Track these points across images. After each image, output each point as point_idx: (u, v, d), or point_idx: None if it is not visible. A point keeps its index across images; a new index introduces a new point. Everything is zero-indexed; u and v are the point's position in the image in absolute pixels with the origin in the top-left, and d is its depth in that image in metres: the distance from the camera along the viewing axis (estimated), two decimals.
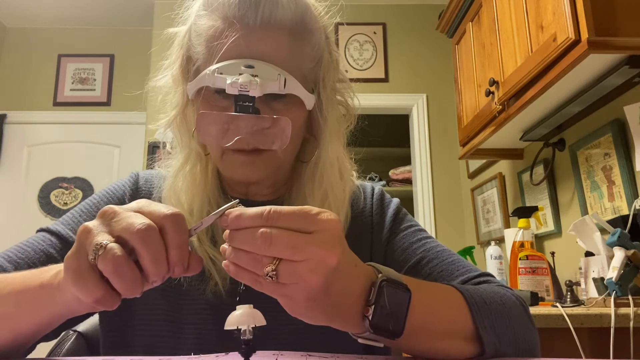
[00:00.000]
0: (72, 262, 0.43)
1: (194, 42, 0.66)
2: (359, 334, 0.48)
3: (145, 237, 0.41)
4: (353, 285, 0.46)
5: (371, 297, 0.46)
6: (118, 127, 3.52)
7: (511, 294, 0.64)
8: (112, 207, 0.44)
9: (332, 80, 0.70)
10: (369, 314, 0.45)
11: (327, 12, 0.70)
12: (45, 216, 3.37)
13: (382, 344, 0.49)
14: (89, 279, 0.42)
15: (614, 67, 1.44)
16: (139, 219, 0.42)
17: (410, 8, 3.34)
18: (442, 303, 0.56)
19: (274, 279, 0.41)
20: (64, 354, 0.76)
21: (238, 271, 0.43)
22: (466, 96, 2.26)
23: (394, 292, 0.47)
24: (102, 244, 0.41)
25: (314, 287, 0.42)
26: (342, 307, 0.46)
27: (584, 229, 1.49)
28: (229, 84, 0.57)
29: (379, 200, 0.79)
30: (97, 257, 0.41)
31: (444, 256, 0.71)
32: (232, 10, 0.61)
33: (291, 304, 0.44)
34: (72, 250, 0.43)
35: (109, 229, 0.43)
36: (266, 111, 0.62)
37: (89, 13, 3.49)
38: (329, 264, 0.42)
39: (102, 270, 0.41)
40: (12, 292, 0.51)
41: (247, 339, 0.43)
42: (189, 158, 0.69)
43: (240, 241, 0.42)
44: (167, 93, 0.71)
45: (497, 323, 0.56)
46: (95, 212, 0.71)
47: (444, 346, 0.53)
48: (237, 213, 0.42)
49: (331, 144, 0.68)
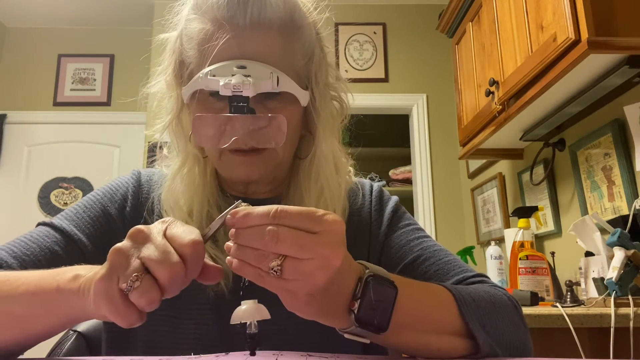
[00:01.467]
0: (103, 287, 0.43)
1: (185, 47, 0.66)
2: (344, 329, 0.49)
3: (171, 278, 0.42)
4: (346, 283, 0.48)
5: (357, 291, 0.47)
6: (118, 127, 3.52)
7: (503, 294, 0.64)
8: (143, 231, 0.45)
9: (325, 75, 0.70)
10: (355, 308, 0.47)
11: (316, 8, 0.70)
12: (45, 216, 3.37)
13: (367, 340, 0.50)
14: (122, 306, 0.43)
15: (614, 67, 1.44)
16: (168, 256, 0.43)
17: (410, 8, 3.34)
18: (429, 300, 0.56)
19: (278, 274, 0.42)
20: (64, 354, 0.76)
21: (241, 266, 0.43)
22: (466, 96, 2.26)
23: (379, 287, 0.48)
24: (135, 276, 0.42)
25: (318, 284, 0.43)
26: (334, 304, 0.47)
27: (584, 229, 1.49)
28: (222, 85, 0.57)
29: (378, 197, 0.79)
30: (132, 289, 0.42)
31: (440, 255, 0.71)
32: (221, 12, 0.62)
33: (291, 299, 0.46)
34: (103, 274, 0.43)
35: (139, 254, 0.43)
36: (261, 110, 0.62)
37: (89, 13, 3.49)
38: (334, 264, 0.43)
39: (135, 302, 0.42)
40: (26, 293, 0.51)
41: (252, 333, 0.45)
42: (187, 161, 0.70)
43: (248, 238, 0.43)
44: (161, 99, 0.71)
45: (486, 320, 0.57)
46: (98, 208, 0.71)
47: (433, 341, 0.54)
48: (245, 212, 0.43)
49: (326, 139, 0.69)
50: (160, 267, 0.42)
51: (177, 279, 0.43)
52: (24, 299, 0.51)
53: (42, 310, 0.51)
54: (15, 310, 0.51)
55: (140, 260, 0.43)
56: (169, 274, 0.42)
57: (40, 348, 0.65)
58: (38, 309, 0.51)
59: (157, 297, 0.42)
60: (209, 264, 0.47)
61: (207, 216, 0.68)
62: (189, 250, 0.43)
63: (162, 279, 0.42)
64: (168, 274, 0.42)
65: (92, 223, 0.69)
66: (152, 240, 0.44)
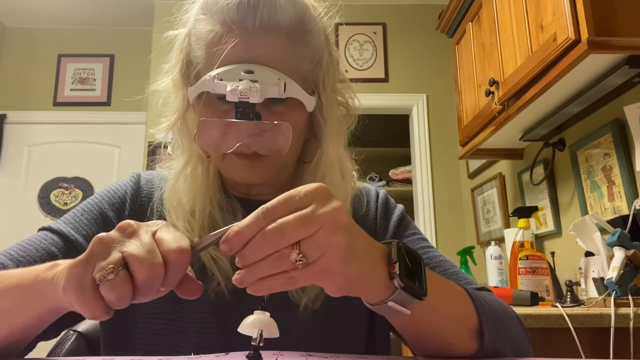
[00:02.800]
0: (76, 272, 0.42)
1: (193, 47, 0.66)
2: (385, 299, 0.48)
3: (147, 278, 0.40)
4: (371, 244, 0.47)
5: (393, 255, 0.47)
6: (118, 127, 3.52)
7: (508, 306, 0.65)
8: (132, 226, 0.43)
9: (332, 81, 0.70)
10: (396, 270, 0.46)
11: (327, 13, 0.70)
12: (45, 216, 3.37)
13: (408, 311, 0.49)
14: (90, 296, 0.41)
15: (614, 67, 1.43)
16: (151, 255, 0.41)
17: (410, 8, 3.34)
18: (451, 286, 0.57)
19: (304, 262, 0.41)
20: (64, 354, 0.76)
21: (266, 283, 0.42)
22: (466, 96, 2.26)
23: (410, 251, 0.49)
24: (111, 268, 0.40)
25: (342, 245, 0.42)
26: (368, 271, 0.46)
27: (584, 229, 1.49)
28: (229, 91, 0.57)
29: (383, 204, 0.79)
30: (105, 280, 0.40)
31: (446, 266, 0.72)
32: (231, 15, 0.61)
33: (330, 278, 0.43)
34: (81, 259, 0.42)
35: (121, 247, 0.42)
36: (267, 114, 0.62)
37: (89, 13, 3.49)
38: (342, 219, 0.42)
39: (104, 295, 0.40)
40: (9, 286, 0.51)
41: (256, 345, 0.44)
42: (190, 160, 0.70)
43: (254, 252, 0.41)
44: (167, 96, 0.71)
45: (497, 323, 0.57)
46: (97, 212, 0.71)
47: (451, 333, 0.54)
48: (235, 229, 0.42)
49: (332, 144, 0.69)
50: (140, 265, 0.40)
51: (154, 281, 0.40)
52: (6, 293, 0.51)
53: (21, 301, 0.50)
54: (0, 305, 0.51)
55: (122, 254, 0.41)
56: (146, 273, 0.40)
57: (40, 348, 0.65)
58: (18, 300, 0.50)
59: (128, 294, 0.40)
60: (191, 278, 0.45)
61: (209, 216, 0.68)
62: (174, 257, 0.41)
63: (139, 278, 0.40)
64: (146, 273, 0.40)
65: (89, 225, 0.69)
66: (138, 236, 0.42)
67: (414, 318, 0.50)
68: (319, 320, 0.66)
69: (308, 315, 0.65)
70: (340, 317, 0.69)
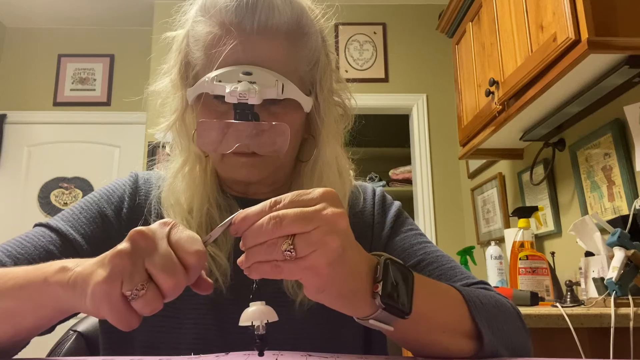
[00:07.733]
0: (105, 290, 0.42)
1: (192, 48, 0.67)
2: (368, 316, 0.49)
3: (175, 287, 0.43)
4: (362, 258, 0.48)
5: (378, 274, 0.48)
6: (118, 127, 3.52)
7: (506, 301, 0.65)
8: (146, 234, 0.44)
9: (329, 81, 0.71)
10: (379, 290, 0.47)
11: (324, 15, 0.71)
12: (45, 216, 3.37)
13: (391, 327, 0.49)
14: (124, 311, 0.43)
15: (614, 67, 1.44)
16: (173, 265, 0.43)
17: (410, 8, 3.34)
18: (442, 296, 0.57)
19: (293, 254, 0.42)
20: (64, 354, 0.76)
21: (256, 266, 0.43)
22: (466, 96, 2.26)
23: (398, 268, 0.49)
24: (143, 285, 0.42)
25: (333, 249, 0.43)
26: (355, 289, 0.47)
27: (584, 229, 1.49)
28: (227, 92, 0.58)
29: (380, 201, 0.80)
30: (137, 297, 0.42)
31: (443, 261, 0.72)
32: (229, 17, 0.62)
33: (313, 277, 0.44)
34: (105, 277, 0.43)
35: (143, 261, 0.43)
36: (265, 115, 0.63)
37: (89, 13, 3.49)
38: (340, 225, 0.43)
39: (138, 310, 0.43)
40: (14, 287, 0.51)
41: (260, 334, 0.45)
42: (188, 160, 0.70)
43: (254, 235, 0.43)
44: (166, 97, 0.71)
45: (493, 324, 0.57)
46: (94, 209, 0.71)
47: (444, 340, 0.54)
48: (243, 215, 0.43)
49: (329, 144, 0.70)
50: (165, 277, 0.43)
51: (178, 287, 0.43)
52: (12, 293, 0.51)
53: (30, 303, 0.50)
54: (4, 305, 0.51)
55: (145, 270, 0.43)
56: (173, 283, 0.43)
57: (40, 348, 0.65)
58: (26, 302, 0.51)
59: (161, 306, 0.43)
60: (203, 277, 0.48)
61: (207, 214, 0.68)
62: (193, 260, 0.44)
63: (166, 288, 0.43)
64: (172, 284, 0.43)
65: (87, 224, 0.69)
66: (157, 246, 0.44)
67: (402, 331, 0.50)
68: (314, 316, 0.67)
69: (304, 311, 0.66)
70: (335, 312, 0.69)
